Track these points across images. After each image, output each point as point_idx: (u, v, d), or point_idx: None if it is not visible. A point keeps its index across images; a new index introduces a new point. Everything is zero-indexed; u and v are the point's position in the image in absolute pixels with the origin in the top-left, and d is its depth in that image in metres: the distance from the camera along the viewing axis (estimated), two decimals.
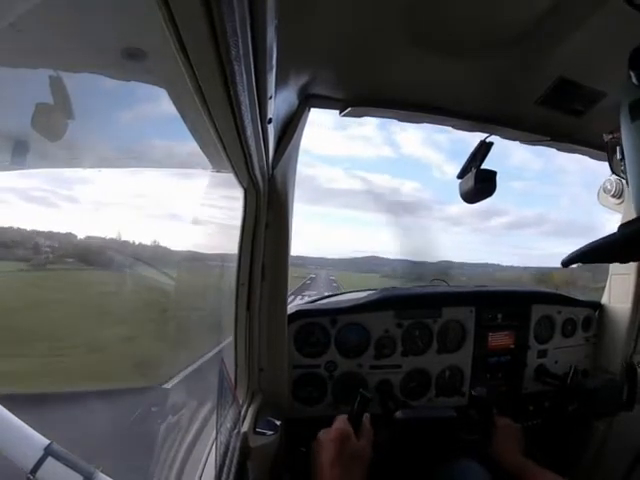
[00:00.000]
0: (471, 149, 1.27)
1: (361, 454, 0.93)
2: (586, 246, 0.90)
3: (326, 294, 2.00)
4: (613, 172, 1.04)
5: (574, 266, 0.93)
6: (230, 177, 0.99)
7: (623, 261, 1.40)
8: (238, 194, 1.10)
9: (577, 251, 0.93)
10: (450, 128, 1.29)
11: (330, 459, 0.89)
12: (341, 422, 0.98)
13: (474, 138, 1.30)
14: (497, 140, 1.30)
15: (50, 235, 1.13)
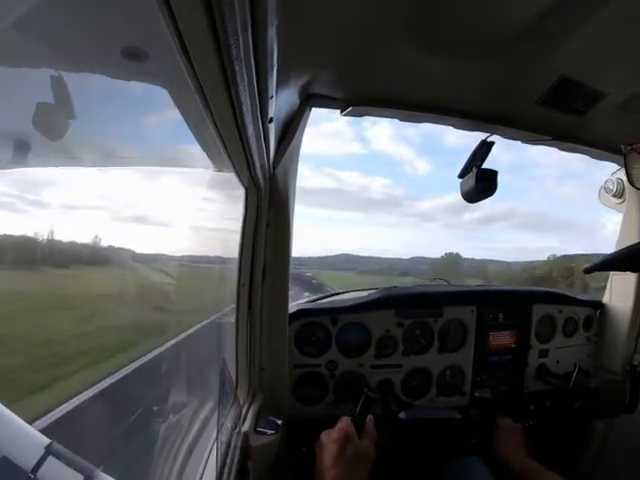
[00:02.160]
0: (442, 144, 1.28)
1: (364, 455, 0.92)
2: (609, 255, 0.91)
3: (329, 293, 2.00)
4: (632, 184, 1.03)
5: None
6: (231, 177, 0.99)
7: (637, 270, 1.40)
8: (239, 193, 1.10)
9: (600, 260, 0.94)
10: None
11: (332, 459, 0.88)
12: (344, 423, 0.98)
13: (445, 133, 1.30)
14: (464, 133, 1.30)
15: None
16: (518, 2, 0.77)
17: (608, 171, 1.62)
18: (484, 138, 1.28)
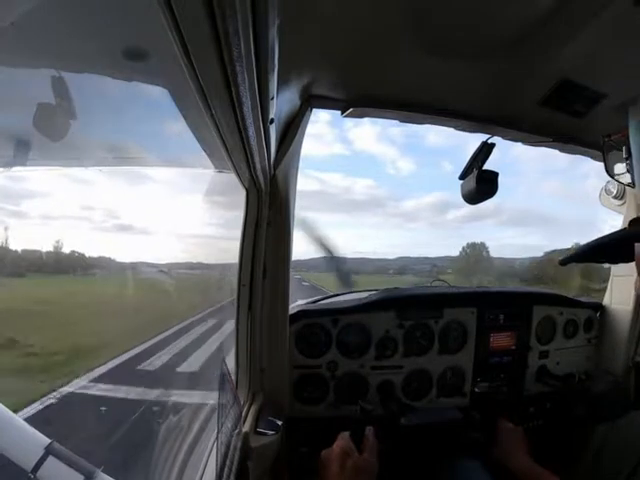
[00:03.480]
0: (424, 143, 1.26)
1: (365, 468, 0.91)
2: (583, 246, 0.91)
3: (330, 294, 1.99)
4: (608, 174, 1.05)
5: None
6: (232, 177, 0.99)
7: (614, 261, 1.41)
8: (239, 193, 1.10)
9: (575, 251, 0.94)
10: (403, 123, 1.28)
11: (334, 477, 0.88)
12: (342, 439, 0.97)
13: (427, 132, 1.29)
14: (448, 130, 1.29)
15: None
16: (520, 3, 0.77)
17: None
18: (485, 139, 1.28)
